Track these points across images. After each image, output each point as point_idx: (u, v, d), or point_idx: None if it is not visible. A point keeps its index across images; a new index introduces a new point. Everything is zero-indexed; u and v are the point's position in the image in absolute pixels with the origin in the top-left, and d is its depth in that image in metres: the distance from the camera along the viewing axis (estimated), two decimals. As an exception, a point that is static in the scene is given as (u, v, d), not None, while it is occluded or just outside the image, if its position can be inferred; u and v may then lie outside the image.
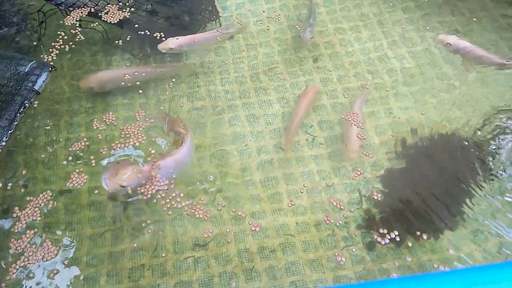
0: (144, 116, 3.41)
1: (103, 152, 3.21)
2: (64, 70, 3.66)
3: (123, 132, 3.31)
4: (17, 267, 2.72)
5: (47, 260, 2.76)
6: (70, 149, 3.23)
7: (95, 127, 3.35)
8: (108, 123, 3.38)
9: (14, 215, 2.92)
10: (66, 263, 2.78)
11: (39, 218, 2.92)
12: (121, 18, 3.89)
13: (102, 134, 3.32)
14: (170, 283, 2.73)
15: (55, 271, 2.73)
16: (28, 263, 2.73)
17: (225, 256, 2.84)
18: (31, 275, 2.70)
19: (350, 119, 3.39)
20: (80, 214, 2.97)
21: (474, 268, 2.45)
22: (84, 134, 3.31)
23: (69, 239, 2.87)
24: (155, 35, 3.79)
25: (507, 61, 3.53)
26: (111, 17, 3.89)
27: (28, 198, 2.98)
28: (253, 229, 2.92)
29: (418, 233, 2.90)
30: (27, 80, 3.07)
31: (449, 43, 3.61)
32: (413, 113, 3.46)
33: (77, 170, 3.13)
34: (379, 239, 2.87)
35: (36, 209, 2.95)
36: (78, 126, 3.36)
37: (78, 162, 3.18)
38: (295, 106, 3.49)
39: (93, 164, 3.15)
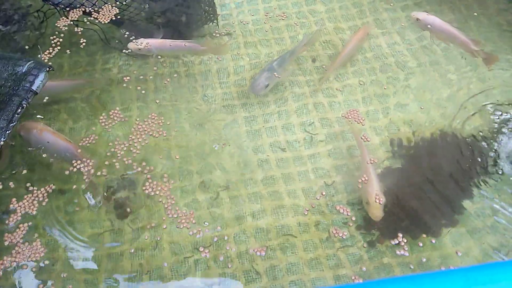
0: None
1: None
2: (62, 70, 3.65)
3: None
4: (5, 263, 2.74)
5: (35, 260, 2.77)
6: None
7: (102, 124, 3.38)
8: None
9: (11, 206, 2.94)
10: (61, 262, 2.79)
11: (34, 213, 2.94)
12: (119, 17, 3.88)
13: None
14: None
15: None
16: (15, 261, 2.75)
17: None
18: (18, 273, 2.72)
19: (350, 117, 3.39)
20: (79, 214, 2.98)
21: (473, 267, 2.44)
22: (82, 136, 3.32)
23: (65, 239, 2.88)
24: (150, 35, 3.78)
25: (474, 43, 3.60)
26: (107, 16, 3.87)
27: (24, 197, 2.98)
28: (258, 254, 2.86)
29: (418, 231, 2.90)
30: (24, 80, 3.05)
31: (418, 18, 3.71)
32: (412, 112, 3.45)
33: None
34: (402, 252, 2.82)
35: (32, 205, 2.96)
36: (75, 126, 3.36)
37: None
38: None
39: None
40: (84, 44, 3.80)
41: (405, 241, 2.85)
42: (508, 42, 3.82)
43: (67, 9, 3.86)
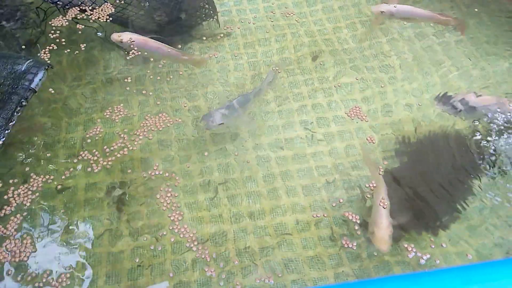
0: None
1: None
2: (61, 68, 3.65)
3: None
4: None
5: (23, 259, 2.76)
6: (70, 150, 3.23)
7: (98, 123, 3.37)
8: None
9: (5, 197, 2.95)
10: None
11: (32, 207, 2.95)
12: (118, 15, 3.88)
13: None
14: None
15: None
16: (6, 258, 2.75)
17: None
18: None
19: (352, 115, 3.40)
20: (78, 212, 2.97)
21: (472, 266, 2.45)
22: (81, 134, 3.32)
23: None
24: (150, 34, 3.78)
25: (441, 15, 3.78)
26: (102, 15, 3.88)
27: (21, 196, 2.98)
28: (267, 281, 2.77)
29: (417, 229, 2.89)
30: (23, 78, 3.06)
31: (382, 11, 3.76)
32: (411, 110, 3.45)
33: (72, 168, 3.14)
34: (424, 259, 2.78)
35: (27, 198, 2.97)
36: (75, 125, 3.36)
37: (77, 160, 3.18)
38: None
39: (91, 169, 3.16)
40: (83, 42, 3.79)
41: (412, 246, 2.83)
42: (509, 39, 3.83)
43: (67, 7, 3.87)
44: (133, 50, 3.68)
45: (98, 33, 3.83)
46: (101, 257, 2.81)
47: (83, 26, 3.86)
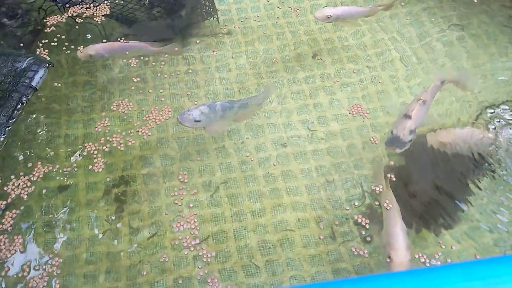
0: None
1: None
2: (61, 66, 3.65)
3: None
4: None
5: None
6: (70, 148, 3.23)
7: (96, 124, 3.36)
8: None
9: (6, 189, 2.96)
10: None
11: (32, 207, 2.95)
12: (118, 13, 3.88)
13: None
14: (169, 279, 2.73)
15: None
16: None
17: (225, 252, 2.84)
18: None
19: (354, 112, 3.41)
20: (78, 210, 2.97)
21: (472, 262, 2.45)
22: (82, 132, 3.32)
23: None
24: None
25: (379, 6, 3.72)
26: (105, 12, 3.90)
27: (21, 193, 2.99)
28: None
29: (418, 227, 2.89)
30: (24, 76, 3.06)
31: (329, 15, 3.52)
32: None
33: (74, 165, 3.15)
34: (427, 264, 2.77)
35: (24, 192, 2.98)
36: (75, 123, 3.36)
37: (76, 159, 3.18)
38: None
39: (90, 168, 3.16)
40: (82, 40, 3.79)
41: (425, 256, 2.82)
42: (510, 37, 3.82)
43: (67, 5, 3.88)
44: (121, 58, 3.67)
45: (87, 35, 3.82)
46: (101, 255, 2.81)
47: (82, 24, 3.86)
